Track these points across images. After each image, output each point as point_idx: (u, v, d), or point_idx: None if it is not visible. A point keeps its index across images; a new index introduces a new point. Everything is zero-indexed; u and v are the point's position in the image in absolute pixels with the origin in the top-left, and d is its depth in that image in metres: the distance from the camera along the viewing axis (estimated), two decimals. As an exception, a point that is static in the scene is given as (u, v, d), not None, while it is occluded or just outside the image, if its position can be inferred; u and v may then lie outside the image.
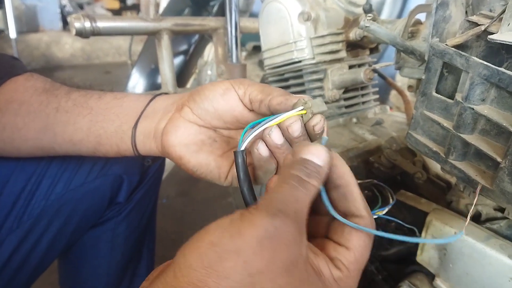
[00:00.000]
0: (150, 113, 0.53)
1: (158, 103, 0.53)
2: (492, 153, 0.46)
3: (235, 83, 0.47)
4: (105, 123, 0.53)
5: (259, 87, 0.45)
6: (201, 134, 0.50)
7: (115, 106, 0.54)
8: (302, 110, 0.41)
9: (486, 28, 0.48)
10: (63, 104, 0.55)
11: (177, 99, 0.52)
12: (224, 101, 0.47)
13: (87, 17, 0.90)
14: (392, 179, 0.70)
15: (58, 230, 0.69)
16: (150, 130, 0.52)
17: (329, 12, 0.80)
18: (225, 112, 0.47)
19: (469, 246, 0.54)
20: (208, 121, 0.49)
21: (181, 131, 0.49)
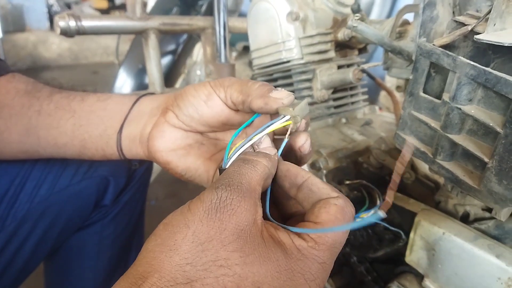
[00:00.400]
0: (135, 117, 0.52)
1: (142, 106, 0.52)
2: (479, 153, 0.46)
3: (215, 86, 0.46)
4: (89, 127, 0.52)
5: (238, 87, 0.44)
6: (187, 139, 0.49)
7: (98, 109, 0.53)
8: (288, 121, 0.41)
9: (473, 28, 0.48)
10: (45, 107, 0.54)
11: (162, 102, 0.51)
12: (209, 108, 0.46)
13: (72, 16, 0.89)
14: (381, 180, 0.70)
15: (43, 233, 0.68)
16: (135, 135, 0.51)
17: (318, 12, 0.80)
18: (210, 118, 0.47)
19: (457, 247, 0.54)
20: (194, 127, 0.48)
21: (167, 137, 0.49)
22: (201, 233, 0.30)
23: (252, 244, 0.31)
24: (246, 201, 0.32)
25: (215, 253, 0.29)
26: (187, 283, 0.28)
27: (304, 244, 0.32)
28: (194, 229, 0.30)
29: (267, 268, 0.30)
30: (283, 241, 0.32)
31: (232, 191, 0.32)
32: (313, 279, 0.32)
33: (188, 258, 0.29)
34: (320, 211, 0.34)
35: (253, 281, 0.30)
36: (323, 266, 0.32)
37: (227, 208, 0.31)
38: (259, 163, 0.36)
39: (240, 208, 0.32)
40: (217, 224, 0.30)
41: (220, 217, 0.31)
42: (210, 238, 0.30)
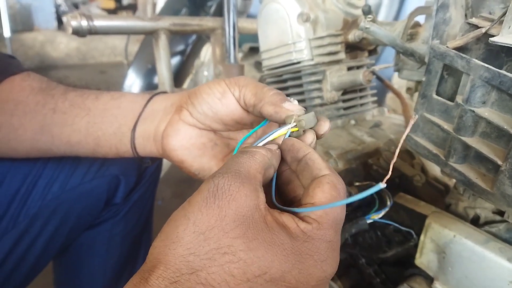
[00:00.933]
0: (149, 115, 0.52)
1: (156, 104, 0.53)
2: (493, 156, 0.45)
3: (230, 84, 0.46)
4: (103, 124, 0.53)
5: (253, 89, 0.45)
6: (202, 137, 0.50)
7: (113, 107, 0.53)
8: (294, 127, 0.41)
9: (487, 31, 0.48)
10: (60, 104, 0.54)
11: (176, 100, 0.51)
12: (223, 105, 0.46)
13: (84, 16, 0.89)
14: (391, 182, 0.70)
15: (54, 230, 0.68)
16: (149, 133, 0.51)
17: (328, 13, 0.80)
18: (225, 116, 0.47)
19: (468, 249, 0.54)
20: (208, 124, 0.48)
21: (181, 135, 0.49)
22: (201, 223, 0.30)
23: (255, 230, 0.31)
24: (245, 187, 0.32)
25: (218, 241, 0.29)
26: (192, 273, 0.28)
27: (308, 227, 0.32)
28: (194, 220, 0.30)
29: (273, 252, 0.30)
30: (288, 225, 0.32)
31: (229, 177, 0.32)
32: (324, 259, 0.32)
33: (191, 248, 0.29)
34: (315, 191, 0.34)
35: (260, 266, 0.29)
36: (331, 244, 0.32)
37: (225, 194, 0.31)
38: (257, 153, 0.36)
39: (239, 193, 0.31)
40: (216, 211, 0.30)
41: (219, 204, 0.31)
42: (211, 227, 0.30)
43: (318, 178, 0.35)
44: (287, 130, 0.41)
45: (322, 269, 0.31)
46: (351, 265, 0.72)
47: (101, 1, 5.63)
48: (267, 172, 0.37)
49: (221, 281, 0.28)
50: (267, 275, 0.29)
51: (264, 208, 0.33)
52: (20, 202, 0.64)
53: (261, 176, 0.35)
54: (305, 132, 0.41)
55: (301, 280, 0.31)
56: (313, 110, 0.82)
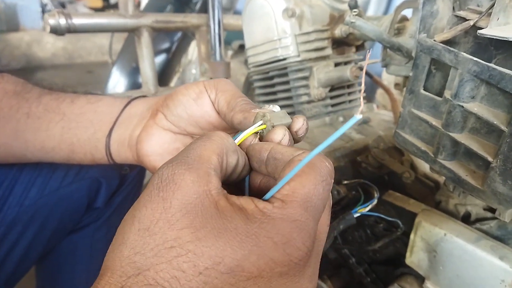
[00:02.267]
0: (125, 120, 0.50)
1: (133, 109, 0.50)
2: (483, 152, 0.44)
3: (208, 86, 0.44)
4: (78, 130, 0.51)
5: (227, 97, 0.42)
6: (176, 142, 0.48)
7: (88, 111, 0.51)
8: (262, 125, 0.38)
9: (475, 23, 0.47)
10: (34, 109, 0.52)
11: (153, 104, 0.49)
12: (198, 107, 0.44)
13: (62, 13, 0.86)
14: (380, 179, 0.68)
15: (33, 236, 0.66)
16: (124, 138, 0.49)
17: (314, 8, 0.78)
18: (199, 118, 0.45)
19: (459, 248, 0.53)
20: (183, 127, 0.46)
21: (155, 140, 0.47)
22: (145, 218, 0.28)
23: (203, 217, 0.28)
24: (191, 172, 0.29)
25: (163, 235, 0.27)
26: (138, 274, 0.26)
27: (268, 206, 0.28)
28: (139, 217, 0.28)
29: (225, 239, 0.27)
30: (245, 207, 0.29)
31: (174, 165, 0.29)
32: (286, 241, 0.28)
33: (136, 247, 0.27)
34: (285, 171, 0.30)
35: (211, 256, 0.26)
36: (296, 224, 0.28)
37: (169, 184, 0.29)
38: (214, 134, 0.33)
39: (184, 181, 0.29)
40: (160, 204, 0.28)
41: (163, 195, 0.28)
42: (155, 221, 0.27)
43: (291, 159, 0.31)
44: (253, 130, 0.37)
45: (285, 253, 0.27)
46: (341, 265, 0.71)
47: (88, 0, 5.56)
48: (229, 158, 0.33)
49: (170, 278, 0.26)
50: (221, 266, 0.27)
51: (216, 193, 0.29)
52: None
53: (218, 159, 0.32)
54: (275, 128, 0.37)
55: (262, 267, 0.27)
56: (300, 107, 0.81)
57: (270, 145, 0.35)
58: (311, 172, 0.30)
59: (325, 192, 0.30)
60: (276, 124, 0.37)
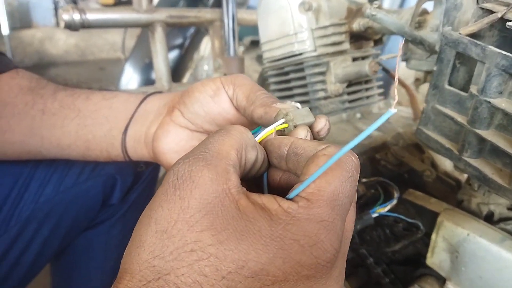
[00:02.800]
0: (141, 116, 0.49)
1: (149, 105, 0.50)
2: (511, 149, 0.43)
3: (225, 82, 0.43)
4: (93, 127, 0.50)
5: (246, 91, 0.41)
6: (193, 140, 0.47)
7: (104, 108, 0.50)
8: (284, 124, 0.37)
9: (503, 16, 0.45)
10: (49, 105, 0.51)
11: (169, 100, 0.48)
12: (215, 104, 0.43)
13: (76, 9, 0.86)
14: (399, 177, 0.67)
15: (48, 234, 0.66)
16: (140, 135, 0.49)
17: (331, 1, 0.77)
18: (217, 115, 0.44)
19: (483, 248, 0.51)
20: (200, 125, 0.46)
21: (171, 137, 0.46)
22: (163, 219, 0.26)
23: (224, 218, 0.26)
24: (210, 170, 0.27)
25: (183, 238, 0.26)
26: (158, 278, 0.25)
27: (293, 206, 0.27)
28: (155, 217, 0.27)
29: (248, 242, 0.26)
30: (268, 207, 0.27)
31: (190, 161, 0.28)
32: (313, 243, 0.26)
33: (155, 250, 0.26)
34: (309, 167, 0.29)
35: (234, 259, 0.25)
36: (323, 225, 0.26)
37: (186, 182, 0.27)
38: (233, 128, 0.32)
39: (202, 178, 0.27)
40: (178, 204, 0.26)
41: (180, 194, 0.27)
42: (173, 222, 0.26)
43: (314, 154, 0.29)
44: (275, 127, 0.36)
45: (312, 256, 0.26)
46: (359, 264, 0.70)
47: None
48: (248, 154, 0.32)
49: (192, 283, 0.25)
50: (245, 270, 0.25)
51: (236, 192, 0.28)
52: (12, 205, 0.62)
53: (237, 154, 0.30)
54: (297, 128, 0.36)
55: (288, 270, 0.26)
56: (317, 103, 0.79)
57: (290, 140, 0.33)
58: (337, 168, 0.28)
59: (352, 189, 0.29)
60: (298, 124, 0.36)
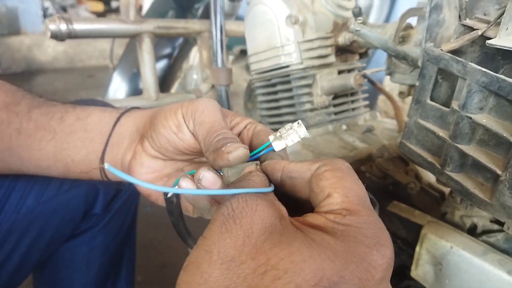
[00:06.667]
0: (116, 142, 0.49)
1: (123, 128, 0.49)
2: (491, 165, 0.43)
3: (186, 116, 0.42)
4: (70, 151, 0.50)
5: (203, 132, 0.40)
6: (166, 168, 0.47)
7: (79, 130, 0.50)
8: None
9: (483, 33, 0.46)
10: (25, 125, 0.50)
11: (140, 126, 0.47)
12: (180, 140, 0.43)
13: (63, 19, 0.86)
14: (384, 189, 0.67)
15: (30, 244, 0.65)
16: (116, 161, 0.49)
17: (318, 15, 0.78)
18: (184, 149, 0.44)
19: (466, 261, 0.51)
20: (171, 156, 0.46)
21: (145, 169, 0.46)
22: (228, 249, 0.26)
23: (288, 236, 0.26)
24: (262, 199, 0.29)
25: (252, 262, 0.25)
26: None
27: (338, 216, 0.28)
28: (217, 250, 0.26)
29: (318, 252, 0.25)
30: (317, 223, 0.28)
31: (241, 196, 0.29)
32: (376, 241, 0.26)
33: (224, 281, 0.25)
34: (319, 184, 0.30)
35: (312, 270, 0.24)
36: (373, 224, 0.28)
37: (244, 210, 0.27)
38: (252, 175, 0.33)
39: (260, 205, 0.28)
40: (240, 232, 0.26)
41: (240, 222, 0.27)
42: (239, 250, 0.26)
43: (315, 174, 0.31)
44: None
45: (380, 254, 0.26)
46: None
47: (89, 4, 5.57)
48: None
49: None
50: (325, 280, 0.24)
51: (287, 217, 0.29)
52: None
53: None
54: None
55: (364, 275, 0.25)
56: (303, 115, 0.80)
57: (281, 164, 0.34)
58: (343, 175, 0.30)
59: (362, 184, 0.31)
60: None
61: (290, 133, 0.36)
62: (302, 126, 0.36)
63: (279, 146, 0.37)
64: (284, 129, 0.37)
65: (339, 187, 0.29)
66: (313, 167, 0.32)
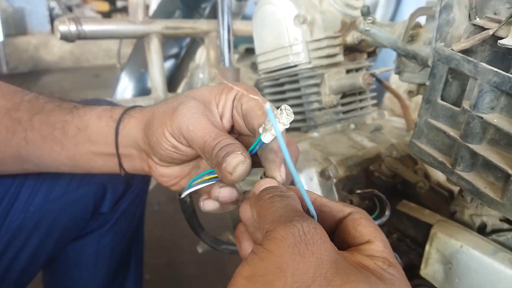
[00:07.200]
0: (125, 153, 0.51)
1: (125, 140, 0.50)
2: (503, 164, 0.43)
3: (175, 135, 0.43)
4: (86, 161, 0.52)
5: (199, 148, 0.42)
6: (184, 169, 0.49)
7: (83, 141, 0.51)
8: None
9: (494, 33, 0.46)
10: (30, 134, 0.51)
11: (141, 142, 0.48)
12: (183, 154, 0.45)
13: (72, 20, 0.86)
14: (393, 188, 0.67)
15: (38, 243, 0.66)
16: (137, 169, 0.52)
17: (326, 15, 0.78)
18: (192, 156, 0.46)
19: (476, 260, 0.51)
20: (183, 161, 0.48)
21: (166, 177, 0.49)
22: (302, 274, 0.26)
23: (351, 272, 0.28)
24: (322, 229, 0.30)
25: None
26: None
27: (384, 265, 0.31)
28: (291, 271, 0.27)
29: None
30: (367, 265, 0.30)
31: (309, 220, 0.30)
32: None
33: None
34: (358, 229, 0.34)
35: None
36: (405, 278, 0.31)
37: (314, 238, 0.29)
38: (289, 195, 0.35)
39: (324, 236, 0.29)
40: (312, 258, 0.27)
41: (312, 249, 0.28)
42: (313, 278, 0.26)
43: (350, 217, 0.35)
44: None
45: None
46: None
47: (95, 3, 5.59)
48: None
49: None
50: None
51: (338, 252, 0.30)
52: (1, 215, 0.61)
53: None
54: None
55: None
56: (311, 114, 0.80)
57: (313, 196, 0.37)
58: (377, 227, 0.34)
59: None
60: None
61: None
62: (284, 112, 0.36)
63: (267, 138, 0.38)
64: (267, 120, 0.38)
65: (378, 236, 0.33)
66: (346, 210, 0.36)
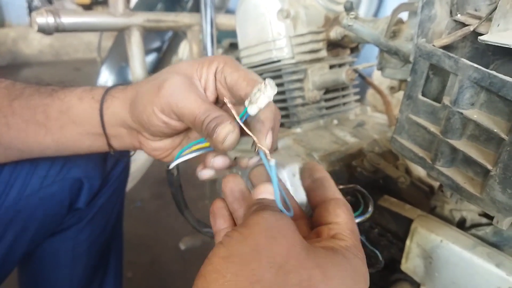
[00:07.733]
0: (113, 133, 0.50)
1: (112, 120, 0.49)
2: (482, 160, 0.44)
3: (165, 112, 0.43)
4: (72, 143, 0.51)
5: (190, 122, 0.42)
6: (175, 140, 0.50)
7: (68, 124, 0.50)
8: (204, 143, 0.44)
9: (475, 29, 0.46)
10: (11, 120, 0.50)
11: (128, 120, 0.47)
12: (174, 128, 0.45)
13: (50, 12, 0.84)
14: (375, 183, 0.67)
15: (13, 239, 0.64)
16: (128, 146, 0.52)
17: (309, 9, 0.77)
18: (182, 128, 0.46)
19: (455, 255, 0.52)
20: (173, 133, 0.48)
21: (158, 151, 0.50)
22: (276, 255, 0.28)
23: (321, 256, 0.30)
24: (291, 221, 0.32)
25: (298, 275, 0.27)
26: None
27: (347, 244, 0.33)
28: (267, 253, 0.28)
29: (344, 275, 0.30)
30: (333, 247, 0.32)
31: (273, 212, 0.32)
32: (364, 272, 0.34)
33: (273, 286, 0.26)
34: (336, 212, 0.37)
35: None
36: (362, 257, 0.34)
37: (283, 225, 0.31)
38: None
39: (293, 226, 0.31)
40: (284, 241, 0.29)
41: (284, 233, 0.30)
42: (286, 259, 0.28)
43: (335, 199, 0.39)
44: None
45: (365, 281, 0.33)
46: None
47: (75, -4, 5.47)
48: None
49: None
50: None
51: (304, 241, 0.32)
52: None
53: None
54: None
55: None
56: (294, 109, 0.80)
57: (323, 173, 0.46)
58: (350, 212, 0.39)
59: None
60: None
61: (258, 96, 0.38)
62: (268, 86, 0.38)
63: (253, 110, 0.39)
64: (252, 93, 0.39)
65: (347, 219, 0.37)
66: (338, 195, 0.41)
